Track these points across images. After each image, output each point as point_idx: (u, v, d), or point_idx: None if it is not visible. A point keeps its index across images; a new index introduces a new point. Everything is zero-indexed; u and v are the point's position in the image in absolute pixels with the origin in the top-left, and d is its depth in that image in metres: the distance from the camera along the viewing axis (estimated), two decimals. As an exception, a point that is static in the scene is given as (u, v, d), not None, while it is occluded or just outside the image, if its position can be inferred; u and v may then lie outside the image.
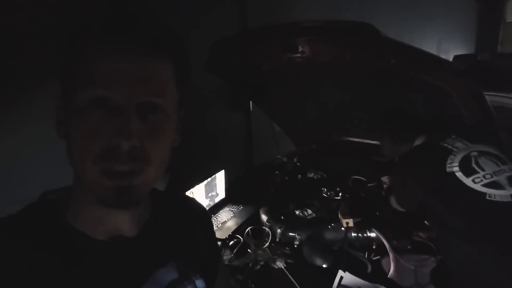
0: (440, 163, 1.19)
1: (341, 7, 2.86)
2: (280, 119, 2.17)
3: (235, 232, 1.58)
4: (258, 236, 1.53)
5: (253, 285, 1.26)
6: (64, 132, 0.48)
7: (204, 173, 1.73)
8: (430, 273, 1.27)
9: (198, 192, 1.66)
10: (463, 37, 5.23)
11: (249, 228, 1.56)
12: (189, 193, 1.59)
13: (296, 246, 1.46)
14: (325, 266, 1.33)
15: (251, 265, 1.35)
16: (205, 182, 1.71)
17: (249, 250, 1.44)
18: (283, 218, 1.60)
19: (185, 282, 0.56)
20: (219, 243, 1.43)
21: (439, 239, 1.27)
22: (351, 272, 1.24)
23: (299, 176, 2.09)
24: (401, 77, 1.36)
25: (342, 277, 1.23)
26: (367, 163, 1.97)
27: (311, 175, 2.10)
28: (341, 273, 1.24)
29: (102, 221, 0.50)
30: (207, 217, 0.72)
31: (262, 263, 1.36)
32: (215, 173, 1.79)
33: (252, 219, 1.68)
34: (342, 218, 1.47)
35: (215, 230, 0.74)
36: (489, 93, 1.39)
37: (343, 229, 1.45)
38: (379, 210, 1.59)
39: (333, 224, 1.49)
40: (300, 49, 1.40)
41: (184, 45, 0.52)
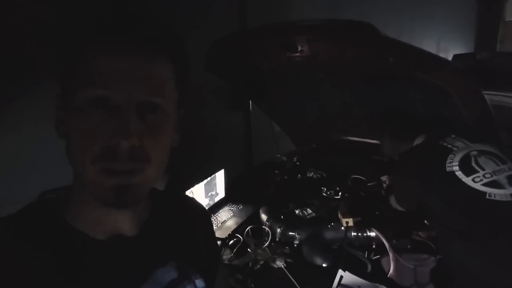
0: (440, 163, 1.19)
1: (340, 6, 2.86)
2: (280, 118, 2.17)
3: (235, 231, 1.58)
4: (258, 235, 1.53)
5: (253, 285, 1.26)
6: (63, 131, 0.48)
7: (203, 173, 1.73)
8: (429, 273, 1.27)
9: (198, 191, 1.66)
10: (463, 36, 5.23)
11: (249, 227, 1.56)
12: (189, 192, 1.59)
13: (295, 245, 1.46)
14: (325, 265, 1.33)
15: (251, 264, 1.35)
16: (205, 181, 1.71)
17: (249, 249, 1.44)
18: (282, 217, 1.60)
19: (184, 282, 0.56)
20: (219, 243, 1.43)
21: (439, 238, 1.27)
22: (351, 271, 1.25)
23: (299, 175, 2.09)
24: (401, 76, 1.36)
25: (342, 277, 1.23)
26: (366, 163, 1.97)
27: (311, 175, 2.10)
28: (341, 272, 1.24)
29: (101, 220, 0.50)
30: (206, 216, 0.72)
31: (261, 263, 1.36)
32: (214, 173, 1.79)
33: (252, 219, 1.68)
34: (341, 217, 1.47)
35: (214, 230, 0.74)
36: (488, 92, 1.39)
37: (343, 228, 1.45)
38: (379, 209, 1.59)
39: (332, 224, 1.49)
40: (299, 48, 1.40)
41: (183, 44, 0.52)
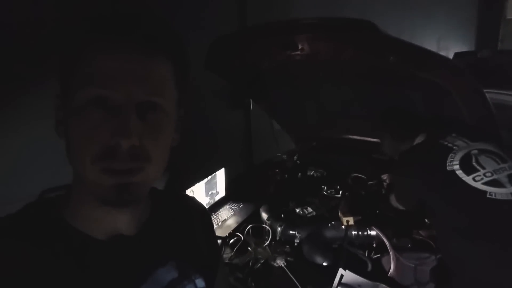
0: (440, 162, 1.19)
1: (341, 4, 2.85)
2: (280, 117, 2.17)
3: (235, 230, 1.58)
4: (258, 234, 1.53)
5: (253, 283, 1.26)
6: (63, 131, 0.48)
7: (204, 172, 1.73)
8: (430, 272, 1.27)
9: (199, 190, 1.66)
10: (463, 35, 5.21)
11: (249, 226, 1.56)
12: (189, 191, 1.59)
13: (296, 244, 1.46)
14: (325, 264, 1.33)
15: (251, 263, 1.35)
16: (205, 180, 1.71)
17: (249, 248, 1.44)
18: (283, 216, 1.60)
19: (184, 281, 0.56)
20: (219, 242, 1.43)
21: (439, 237, 1.27)
22: (351, 270, 1.24)
23: (299, 174, 2.09)
24: (401, 75, 1.36)
25: (342, 275, 1.23)
26: (367, 161, 1.97)
27: (311, 173, 2.09)
28: (341, 271, 1.24)
29: (101, 220, 0.50)
30: (206, 216, 0.72)
31: (262, 261, 1.36)
32: (215, 171, 1.79)
33: (252, 217, 1.68)
34: (342, 216, 1.47)
35: (215, 229, 0.74)
36: (489, 91, 1.38)
37: (343, 227, 1.45)
38: (379, 208, 1.59)
39: (333, 222, 1.49)
40: (299, 47, 1.39)
41: (183, 43, 0.52)
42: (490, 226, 1.08)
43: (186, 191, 1.56)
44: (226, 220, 1.69)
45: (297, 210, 1.68)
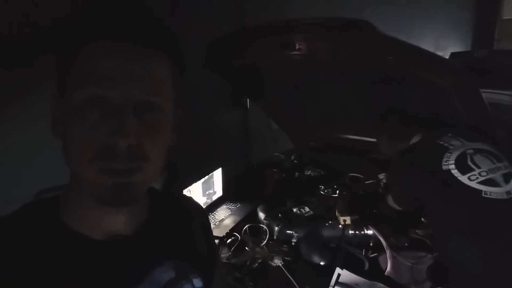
0: (436, 161, 1.19)
1: (339, 4, 2.86)
2: (278, 116, 2.17)
3: (232, 230, 1.58)
4: (256, 234, 1.53)
5: (251, 283, 1.26)
6: (60, 131, 0.47)
7: (201, 171, 1.73)
8: (427, 270, 1.27)
9: (196, 190, 1.66)
10: (460, 34, 5.23)
11: (247, 226, 1.56)
12: (186, 191, 1.59)
13: (293, 243, 1.46)
14: (322, 263, 1.34)
15: (249, 263, 1.35)
16: (203, 180, 1.71)
17: (247, 248, 1.44)
18: (280, 215, 1.60)
19: (182, 281, 0.56)
20: (216, 241, 1.43)
21: (436, 236, 1.28)
22: (348, 269, 1.25)
23: (297, 173, 2.09)
24: (399, 75, 1.36)
25: (339, 275, 1.23)
26: (364, 161, 1.98)
27: (309, 173, 2.10)
28: (338, 270, 1.24)
29: (99, 220, 0.50)
30: (204, 216, 0.72)
31: (260, 261, 1.36)
32: (212, 171, 1.79)
33: (250, 217, 1.68)
34: (339, 215, 1.48)
35: (212, 228, 0.74)
36: (485, 90, 1.39)
37: (341, 226, 1.45)
38: (377, 207, 1.59)
39: (330, 222, 1.49)
40: (297, 47, 1.39)
41: (181, 43, 0.52)
42: (485, 225, 1.09)
43: (183, 191, 1.56)
44: (223, 220, 1.69)
45: (295, 210, 1.68)
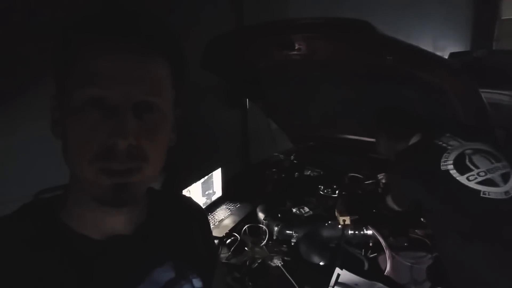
0: (434, 161, 1.19)
1: (338, 4, 2.86)
2: (277, 116, 2.17)
3: (232, 230, 1.58)
4: (255, 234, 1.53)
5: (250, 283, 1.26)
6: (60, 132, 0.47)
7: (201, 171, 1.73)
8: (426, 270, 1.27)
9: (195, 190, 1.66)
10: (459, 34, 5.25)
11: (246, 226, 1.56)
12: (186, 191, 1.58)
13: (293, 243, 1.46)
14: (322, 263, 1.34)
15: (248, 263, 1.35)
16: (202, 180, 1.71)
17: (246, 248, 1.44)
18: (280, 216, 1.60)
19: (182, 281, 0.56)
20: (216, 241, 1.43)
21: (435, 236, 1.28)
22: (348, 269, 1.25)
23: (296, 173, 2.10)
24: (398, 75, 1.36)
25: (339, 275, 1.23)
26: (364, 161, 1.98)
27: (308, 173, 2.10)
28: (338, 270, 1.24)
29: (98, 220, 0.50)
30: (203, 216, 0.72)
31: (259, 261, 1.36)
32: (212, 171, 1.79)
33: (249, 217, 1.68)
34: (339, 215, 1.48)
35: (212, 229, 0.74)
36: (484, 90, 1.39)
37: (340, 226, 1.45)
38: (376, 207, 1.59)
39: (330, 222, 1.49)
40: (296, 47, 1.39)
41: (180, 43, 0.52)
42: (484, 225, 1.09)
43: (183, 191, 1.56)
44: (223, 220, 1.68)
45: (294, 210, 1.68)
